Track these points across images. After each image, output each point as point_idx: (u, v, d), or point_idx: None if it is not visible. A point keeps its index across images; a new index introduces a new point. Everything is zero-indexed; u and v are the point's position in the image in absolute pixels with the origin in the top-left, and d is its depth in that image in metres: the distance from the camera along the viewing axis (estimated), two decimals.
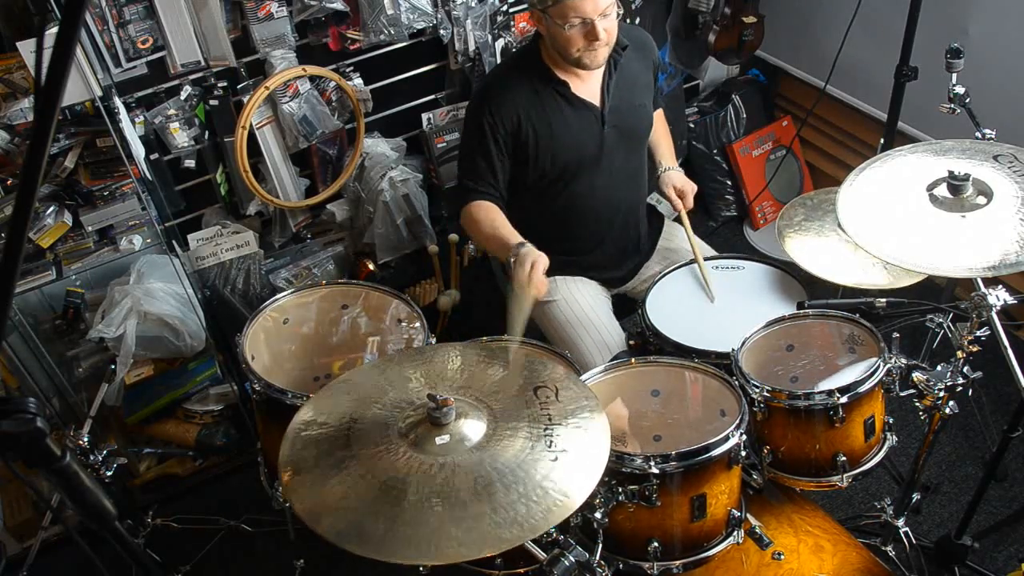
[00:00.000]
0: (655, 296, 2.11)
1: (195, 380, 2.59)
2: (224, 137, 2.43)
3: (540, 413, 1.37)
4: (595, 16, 1.90)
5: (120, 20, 2.15)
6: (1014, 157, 1.65)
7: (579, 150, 2.10)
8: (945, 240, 1.52)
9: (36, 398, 0.93)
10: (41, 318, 2.40)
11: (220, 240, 2.54)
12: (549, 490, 1.22)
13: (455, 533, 1.16)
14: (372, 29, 2.45)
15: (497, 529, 1.16)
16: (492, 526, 1.16)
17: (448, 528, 1.17)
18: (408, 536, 1.16)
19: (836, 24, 2.76)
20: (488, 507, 1.19)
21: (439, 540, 1.15)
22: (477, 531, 1.16)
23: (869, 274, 1.93)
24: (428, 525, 1.17)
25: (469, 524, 1.17)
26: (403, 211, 2.69)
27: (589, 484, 1.25)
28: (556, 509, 1.19)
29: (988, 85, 2.23)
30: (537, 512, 1.19)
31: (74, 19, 0.74)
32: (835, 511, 2.33)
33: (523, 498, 1.20)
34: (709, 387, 1.72)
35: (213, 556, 2.39)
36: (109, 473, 1.87)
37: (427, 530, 1.17)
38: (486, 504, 1.19)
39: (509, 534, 1.16)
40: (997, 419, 2.42)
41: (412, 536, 1.16)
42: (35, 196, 0.80)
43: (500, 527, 1.16)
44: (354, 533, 1.18)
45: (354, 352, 2.03)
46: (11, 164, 2.24)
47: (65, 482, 0.97)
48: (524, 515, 1.18)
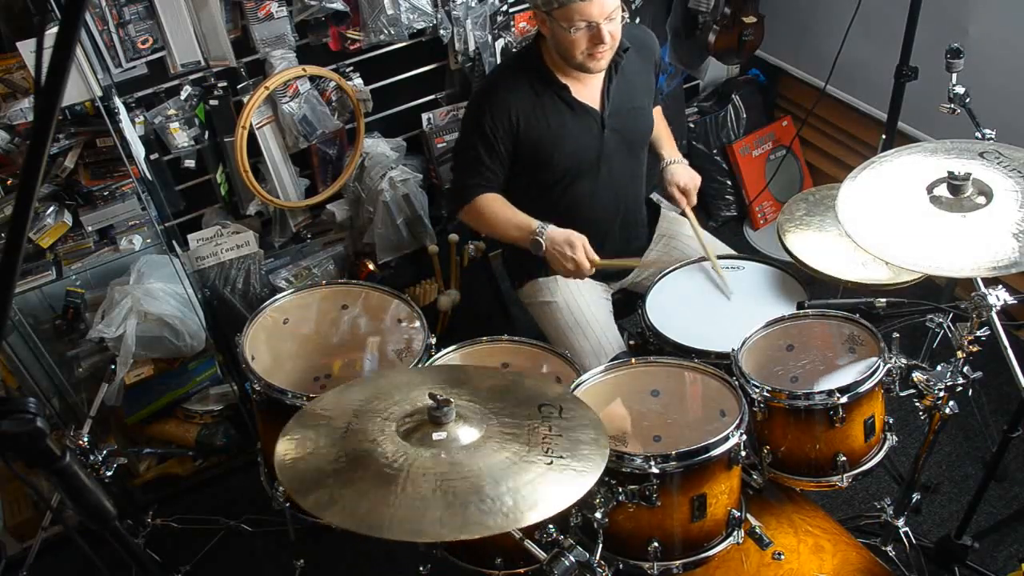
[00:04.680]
0: (655, 296, 2.11)
1: (195, 380, 2.59)
2: (224, 137, 2.43)
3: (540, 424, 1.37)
4: (601, 20, 1.89)
5: (120, 20, 2.15)
6: (999, 153, 1.66)
7: (579, 154, 2.10)
8: (945, 240, 1.52)
9: (36, 398, 0.93)
10: (41, 318, 2.40)
11: (220, 240, 2.54)
12: (538, 489, 1.22)
13: (439, 515, 1.18)
14: (372, 29, 2.45)
15: (481, 516, 1.18)
16: (476, 513, 1.18)
17: (433, 511, 1.19)
18: (392, 514, 1.19)
19: (836, 24, 2.76)
20: (476, 497, 1.20)
21: (423, 520, 1.18)
22: (462, 516, 1.18)
23: (869, 269, 1.93)
24: (415, 508, 1.19)
25: (455, 509, 1.19)
26: (403, 211, 2.69)
27: (584, 485, 1.24)
28: (541, 506, 1.20)
29: (988, 85, 2.22)
30: (523, 505, 1.19)
31: (74, 19, 0.74)
32: (835, 511, 2.32)
33: (511, 492, 1.22)
34: (709, 387, 1.72)
35: (213, 556, 2.39)
36: (109, 473, 1.86)
37: (412, 511, 1.19)
38: (474, 495, 1.21)
39: (492, 521, 1.17)
40: (997, 419, 2.41)
41: (396, 515, 1.18)
42: (35, 196, 0.80)
43: (484, 515, 1.18)
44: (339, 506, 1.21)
45: (354, 352, 2.03)
46: (11, 164, 2.24)
47: (65, 482, 0.97)
48: (511, 507, 1.19)
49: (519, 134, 2.04)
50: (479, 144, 2.05)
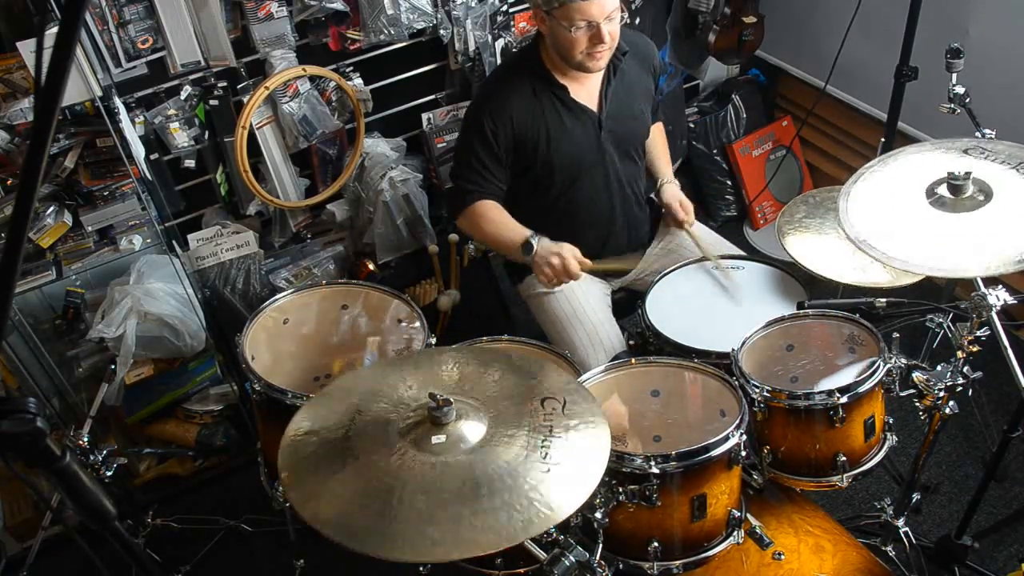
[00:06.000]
0: (655, 295, 2.11)
1: (195, 380, 2.59)
2: (224, 137, 2.43)
3: (542, 424, 1.35)
4: (601, 19, 1.90)
5: (120, 20, 2.15)
6: (982, 148, 1.66)
7: (576, 155, 2.10)
8: (945, 240, 1.51)
9: (36, 398, 0.93)
10: (41, 318, 2.40)
11: (220, 240, 2.54)
12: (534, 501, 1.19)
13: (430, 532, 1.15)
14: (372, 29, 2.45)
15: (473, 533, 1.15)
16: (469, 530, 1.15)
17: (424, 526, 1.16)
18: (383, 529, 1.17)
19: (836, 24, 2.76)
20: (468, 510, 1.18)
21: (413, 537, 1.15)
22: (453, 533, 1.15)
23: (868, 272, 1.93)
24: (406, 521, 1.17)
25: (446, 526, 1.16)
26: (403, 211, 2.69)
27: (576, 501, 1.22)
28: (537, 521, 1.17)
29: (988, 85, 2.22)
30: (517, 521, 1.17)
31: (74, 19, 0.74)
32: (835, 511, 2.32)
33: (506, 506, 1.18)
34: (709, 387, 1.72)
35: (213, 556, 2.39)
36: (109, 473, 1.87)
37: (404, 526, 1.16)
38: (467, 507, 1.18)
39: (485, 539, 1.14)
40: (997, 419, 2.41)
41: (386, 530, 1.16)
42: (35, 196, 0.79)
43: (477, 532, 1.15)
44: (337, 521, 1.20)
45: (354, 352, 2.03)
46: (11, 164, 2.24)
47: (65, 482, 0.96)
48: (504, 523, 1.16)
49: (519, 135, 2.04)
50: (479, 147, 2.05)
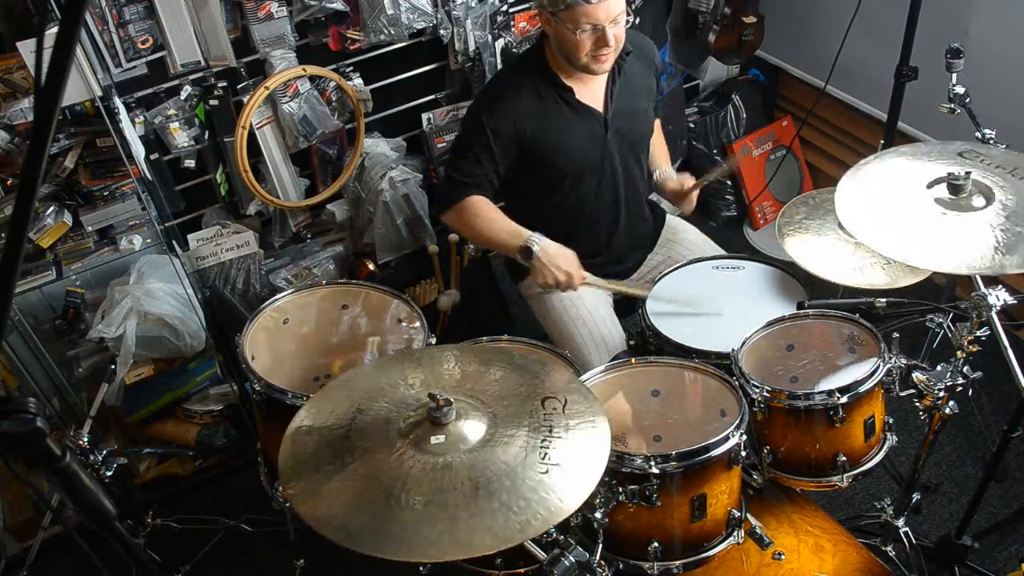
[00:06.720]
0: (655, 295, 2.10)
1: (195, 380, 2.59)
2: (224, 137, 2.43)
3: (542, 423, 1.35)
4: (606, 23, 1.89)
5: (120, 20, 2.15)
6: (975, 152, 1.66)
7: (582, 155, 2.09)
8: (945, 239, 1.51)
9: (36, 398, 0.93)
10: (41, 318, 2.40)
11: (220, 240, 2.54)
12: (533, 501, 1.19)
13: (430, 532, 1.15)
14: (372, 29, 2.45)
15: (469, 535, 1.15)
16: (468, 530, 1.15)
17: (424, 527, 1.16)
18: (382, 530, 1.16)
19: (836, 24, 2.76)
20: (468, 511, 1.18)
21: (413, 537, 1.15)
22: (449, 534, 1.15)
23: (867, 274, 1.93)
24: (406, 522, 1.17)
25: (442, 527, 1.16)
26: (403, 211, 2.69)
27: (575, 501, 1.22)
28: (536, 522, 1.17)
29: (988, 85, 2.22)
30: (514, 524, 1.16)
31: (74, 19, 0.74)
32: (835, 511, 2.32)
33: (505, 507, 1.18)
34: (709, 387, 1.72)
35: (213, 556, 2.39)
36: (109, 473, 1.86)
37: (404, 526, 1.16)
38: (467, 508, 1.18)
39: (485, 540, 1.14)
40: (997, 419, 2.41)
41: (386, 530, 1.16)
42: (35, 196, 0.79)
43: (473, 533, 1.15)
44: (337, 521, 1.19)
45: (354, 352, 2.03)
46: (11, 164, 2.24)
47: (65, 482, 0.96)
48: (500, 525, 1.16)
49: (523, 138, 2.03)
50: (477, 144, 2.04)
